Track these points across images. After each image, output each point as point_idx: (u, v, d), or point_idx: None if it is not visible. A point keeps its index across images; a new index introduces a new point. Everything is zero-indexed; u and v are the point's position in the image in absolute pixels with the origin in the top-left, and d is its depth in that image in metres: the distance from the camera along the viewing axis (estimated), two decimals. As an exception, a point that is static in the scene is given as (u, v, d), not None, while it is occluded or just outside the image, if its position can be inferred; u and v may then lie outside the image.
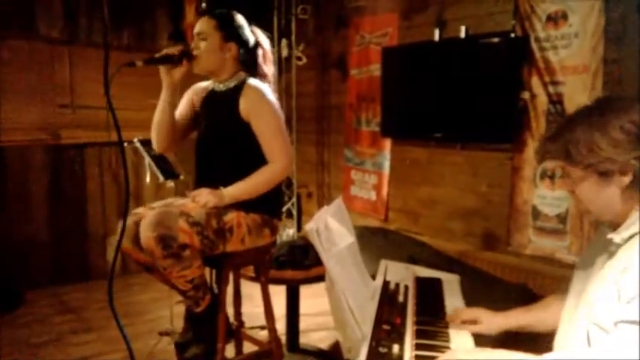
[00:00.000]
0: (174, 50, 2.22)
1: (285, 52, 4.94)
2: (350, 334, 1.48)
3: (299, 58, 4.98)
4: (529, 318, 1.66)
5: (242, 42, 2.31)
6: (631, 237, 1.28)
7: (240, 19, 2.35)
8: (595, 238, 1.53)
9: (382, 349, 1.44)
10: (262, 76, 2.37)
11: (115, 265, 1.59)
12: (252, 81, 2.28)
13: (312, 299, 3.42)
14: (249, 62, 2.35)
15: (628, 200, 1.29)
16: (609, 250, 1.34)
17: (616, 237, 1.31)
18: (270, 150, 2.21)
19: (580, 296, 1.40)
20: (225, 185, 2.21)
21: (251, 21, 2.42)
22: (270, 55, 2.43)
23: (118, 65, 1.96)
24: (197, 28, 2.28)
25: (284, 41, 4.94)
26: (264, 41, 2.42)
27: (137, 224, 2.08)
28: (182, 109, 2.45)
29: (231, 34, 2.28)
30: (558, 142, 1.34)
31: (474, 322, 1.66)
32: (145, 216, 2.06)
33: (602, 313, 1.25)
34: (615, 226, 1.34)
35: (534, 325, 1.66)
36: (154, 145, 2.39)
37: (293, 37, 4.94)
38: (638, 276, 1.18)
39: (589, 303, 1.32)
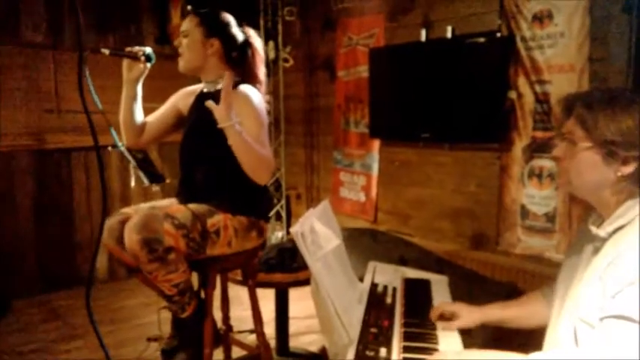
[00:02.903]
0: (138, 50, 2.28)
1: (272, 54, 4.93)
2: (336, 339, 1.46)
3: (286, 60, 4.97)
4: (507, 313, 1.68)
5: (226, 39, 2.28)
6: (615, 231, 1.28)
7: (226, 17, 2.32)
8: (578, 235, 1.52)
9: (369, 353, 1.42)
10: (252, 78, 2.32)
11: (96, 270, 1.57)
12: (242, 87, 2.22)
13: (302, 302, 3.39)
14: (236, 61, 2.32)
15: (618, 192, 1.29)
16: (594, 245, 1.34)
17: (601, 232, 1.31)
18: None
19: (566, 293, 1.40)
20: (210, 186, 2.20)
21: (242, 21, 2.39)
22: (261, 56, 2.39)
23: (87, 51, 2.06)
24: (182, 27, 2.29)
25: (271, 43, 4.93)
26: (256, 41, 2.37)
27: (122, 224, 2.05)
28: (163, 110, 2.46)
29: (214, 30, 2.26)
30: (589, 108, 1.29)
31: (452, 316, 1.67)
32: (131, 217, 2.04)
33: (588, 309, 1.24)
34: (601, 222, 1.33)
35: (512, 321, 1.68)
36: (123, 138, 2.42)
37: (280, 39, 4.93)
38: (622, 269, 1.18)
39: (575, 299, 1.32)
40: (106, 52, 2.22)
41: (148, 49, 2.30)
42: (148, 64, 2.30)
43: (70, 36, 4.37)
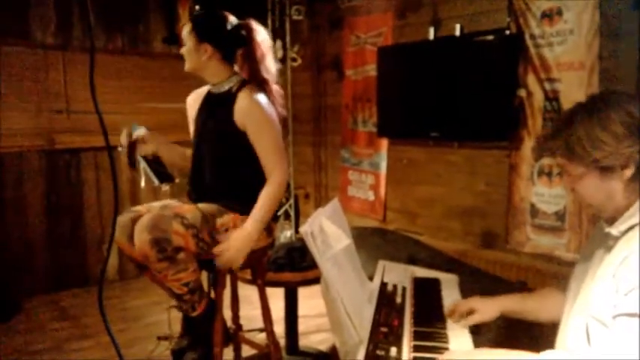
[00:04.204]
0: (123, 144, 2.31)
1: (279, 54, 4.92)
2: (346, 338, 1.46)
3: (294, 59, 4.97)
4: (524, 305, 1.68)
5: (218, 42, 2.22)
6: (629, 229, 1.28)
7: (217, 18, 2.25)
8: (593, 234, 1.53)
9: (380, 352, 1.42)
10: (256, 75, 2.26)
11: (108, 269, 1.57)
12: (248, 90, 2.20)
13: (312, 301, 3.40)
14: (238, 59, 2.31)
15: (630, 194, 1.29)
16: (607, 244, 1.34)
17: (614, 230, 1.31)
18: (267, 164, 2.19)
19: (578, 291, 1.40)
20: (219, 186, 2.21)
21: (247, 17, 2.31)
22: (263, 50, 2.28)
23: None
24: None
25: (279, 42, 4.92)
26: (259, 35, 2.27)
27: (134, 221, 2.06)
28: (193, 128, 2.44)
29: (204, 35, 2.21)
30: (559, 139, 1.33)
31: (470, 312, 1.66)
32: (143, 214, 2.06)
33: (600, 306, 1.24)
34: (613, 220, 1.33)
35: (528, 312, 1.68)
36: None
37: (288, 38, 4.92)
38: (636, 267, 1.18)
39: (587, 297, 1.32)
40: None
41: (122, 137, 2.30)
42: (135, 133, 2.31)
43: (80, 37, 4.39)
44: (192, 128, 2.44)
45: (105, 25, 4.47)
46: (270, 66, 2.30)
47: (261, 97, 2.20)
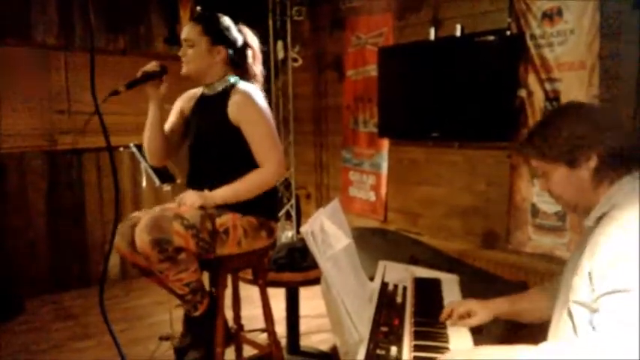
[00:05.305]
0: (154, 67, 2.21)
1: (281, 54, 4.94)
2: (347, 338, 1.47)
3: (295, 60, 4.98)
4: (515, 307, 1.74)
5: (230, 44, 2.29)
6: (599, 219, 1.37)
7: (225, 20, 2.31)
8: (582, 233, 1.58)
9: (380, 352, 1.43)
10: (252, 77, 2.36)
11: (108, 269, 1.58)
12: (242, 85, 2.26)
13: (313, 301, 3.40)
14: (238, 63, 2.34)
15: (598, 186, 1.39)
16: (587, 237, 1.40)
17: (587, 221, 1.41)
18: (259, 155, 2.19)
19: (565, 287, 1.45)
20: (218, 187, 2.20)
21: (239, 20, 2.39)
22: (259, 55, 2.41)
23: (105, 96, 1.91)
24: (183, 34, 2.27)
25: (280, 43, 4.94)
26: (253, 41, 2.39)
27: (133, 228, 2.06)
28: (173, 119, 2.43)
29: (219, 37, 2.25)
30: (530, 141, 1.48)
31: (467, 315, 1.69)
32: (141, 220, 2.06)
33: (580, 291, 1.31)
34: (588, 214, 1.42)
35: (519, 314, 1.74)
36: (149, 159, 2.40)
37: (289, 39, 4.93)
38: (609, 248, 1.24)
39: (569, 286, 1.38)
40: (122, 89, 2.08)
41: (154, 63, 2.23)
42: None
43: (81, 37, 4.40)
44: (171, 118, 2.43)
45: (106, 26, 4.49)
46: (260, 67, 2.41)
47: (254, 90, 2.24)
